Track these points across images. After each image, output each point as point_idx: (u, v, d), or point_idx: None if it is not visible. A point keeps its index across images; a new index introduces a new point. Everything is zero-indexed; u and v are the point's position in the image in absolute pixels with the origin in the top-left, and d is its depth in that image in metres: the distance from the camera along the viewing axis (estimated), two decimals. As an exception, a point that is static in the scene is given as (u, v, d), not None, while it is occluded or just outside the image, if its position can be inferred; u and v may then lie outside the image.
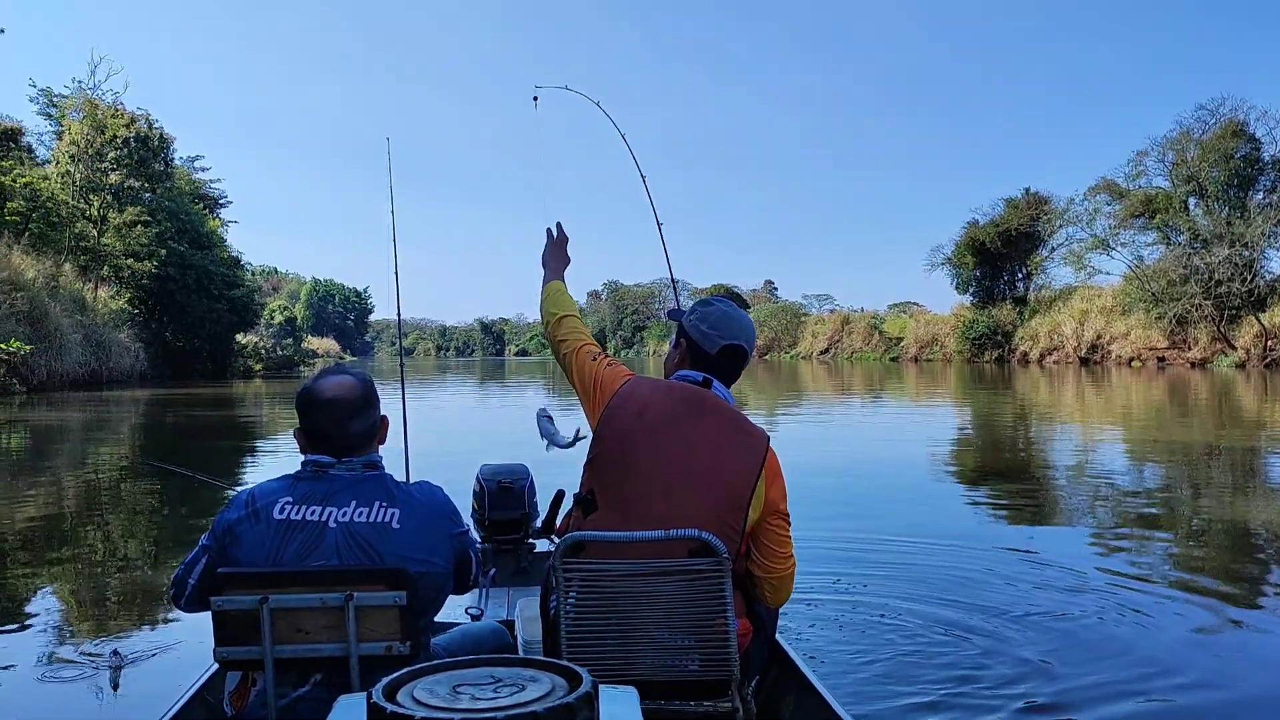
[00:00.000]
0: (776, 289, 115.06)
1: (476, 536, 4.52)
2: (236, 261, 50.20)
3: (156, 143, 40.82)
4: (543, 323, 2.97)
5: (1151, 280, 42.94)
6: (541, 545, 4.66)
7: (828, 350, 73.12)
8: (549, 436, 3.21)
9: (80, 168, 38.00)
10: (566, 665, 1.50)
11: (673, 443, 2.47)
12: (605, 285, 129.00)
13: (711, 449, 2.47)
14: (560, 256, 3.11)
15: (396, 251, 5.24)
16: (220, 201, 56.04)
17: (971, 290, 58.45)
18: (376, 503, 2.32)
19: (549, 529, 2.78)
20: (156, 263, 39.79)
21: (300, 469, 2.38)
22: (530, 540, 4.69)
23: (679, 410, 2.53)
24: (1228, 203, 42.00)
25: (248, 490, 2.36)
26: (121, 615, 5.30)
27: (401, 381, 5.09)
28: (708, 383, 2.61)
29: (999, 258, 56.48)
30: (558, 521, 2.70)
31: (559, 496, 2.75)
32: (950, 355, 58.37)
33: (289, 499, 2.30)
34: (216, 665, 2.49)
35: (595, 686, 1.44)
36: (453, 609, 3.31)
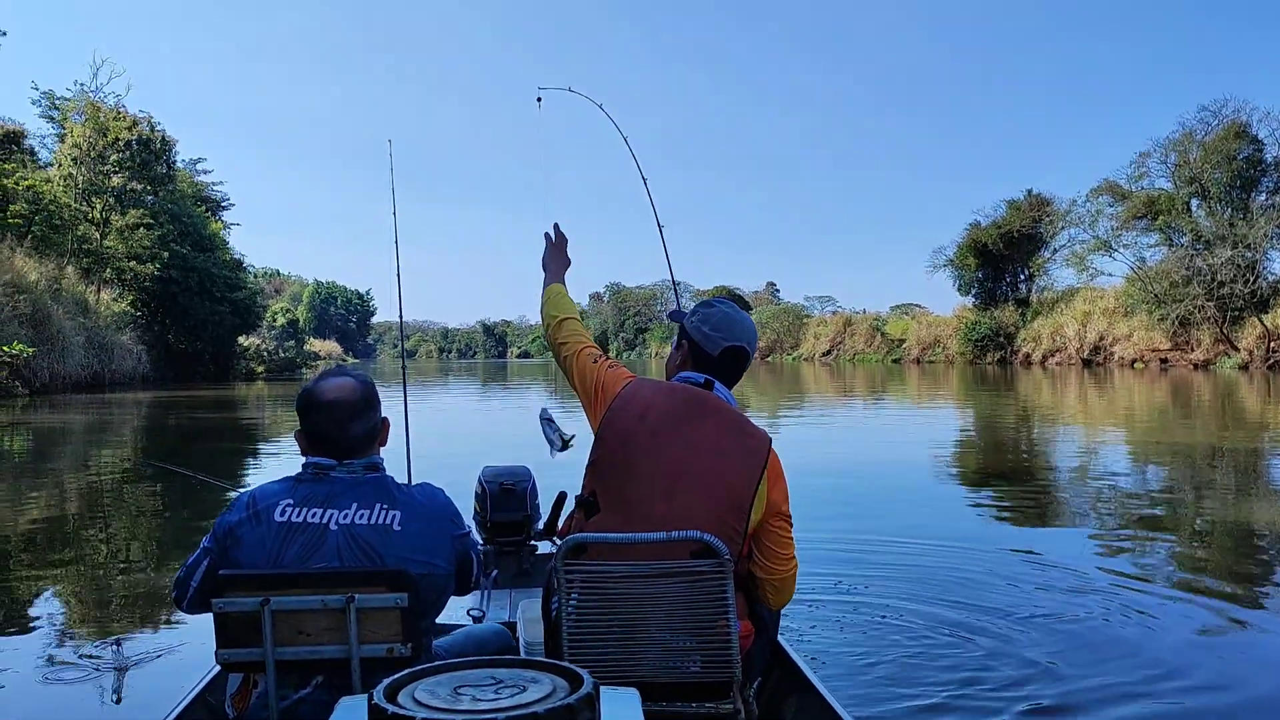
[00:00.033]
0: (778, 290, 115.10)
1: (478, 538, 4.52)
2: (239, 264, 50.25)
3: (159, 145, 40.84)
4: (543, 325, 2.98)
5: (1154, 282, 42.93)
6: (543, 547, 4.66)
7: (830, 352, 73.12)
8: (550, 443, 3.21)
9: (83, 170, 38.03)
10: (568, 666, 1.50)
11: (674, 444, 2.47)
12: (607, 287, 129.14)
13: (713, 450, 2.46)
14: (560, 259, 3.11)
15: (399, 253, 5.24)
16: (222, 204, 56.14)
17: (974, 292, 58.44)
18: (378, 505, 2.32)
19: (551, 531, 2.77)
20: (159, 265, 39.85)
21: (301, 471, 2.38)
22: (532, 542, 4.69)
23: (681, 412, 2.52)
24: (1230, 204, 41.99)
25: (249, 492, 2.36)
26: (123, 617, 5.30)
27: (404, 383, 5.09)
28: (709, 384, 2.61)
29: (1001, 259, 56.47)
30: (559, 523, 2.69)
31: (561, 498, 2.75)
32: (952, 357, 58.34)
33: (290, 501, 2.30)
34: (218, 667, 2.49)
35: (596, 688, 1.44)
36: (455, 611, 3.31)
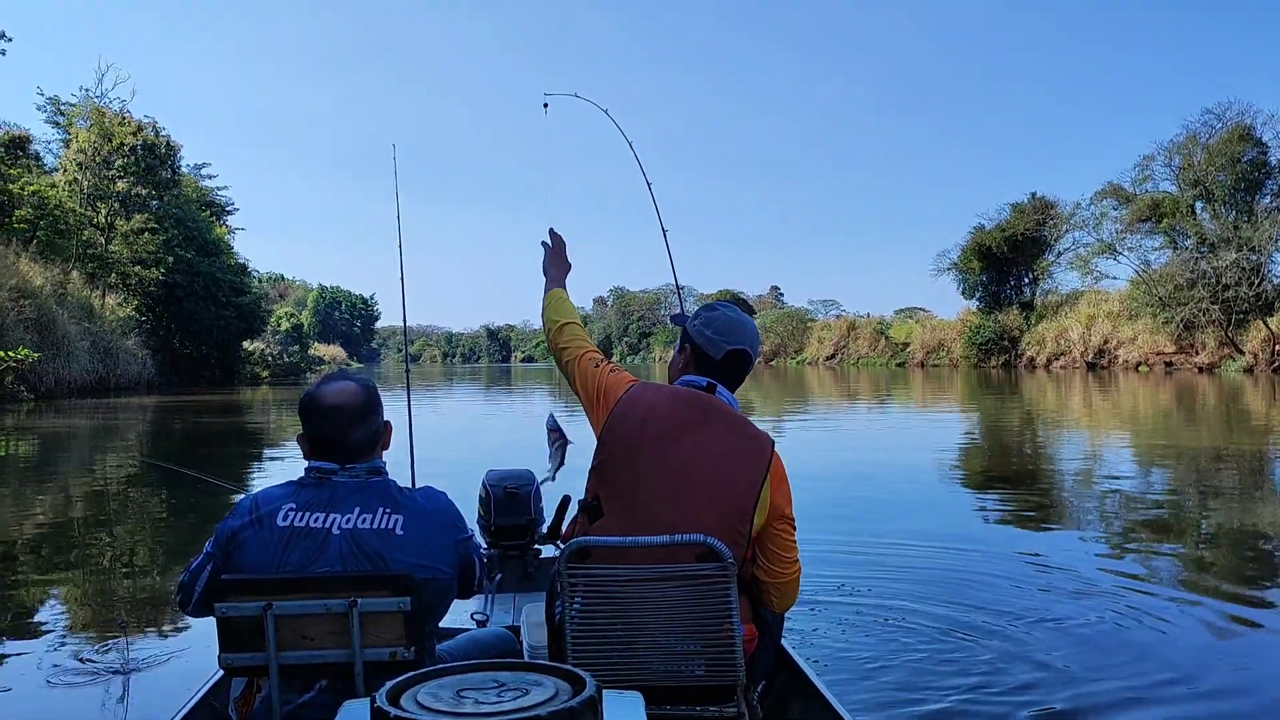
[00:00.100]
0: (782, 294, 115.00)
1: (482, 542, 4.52)
2: (243, 268, 50.35)
3: (163, 150, 40.94)
4: (544, 331, 2.98)
5: (1158, 285, 42.86)
6: (547, 551, 4.66)
7: (834, 356, 73.08)
8: (549, 459, 3.19)
9: (88, 175, 38.15)
10: (570, 670, 1.50)
11: (677, 448, 2.47)
12: (611, 291, 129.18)
13: (716, 454, 2.46)
14: (561, 264, 3.11)
15: (403, 258, 5.25)
16: (227, 208, 56.19)
17: (978, 295, 58.39)
18: (380, 509, 2.31)
19: (555, 535, 2.77)
20: (164, 270, 39.94)
21: (304, 475, 2.37)
22: (536, 546, 4.69)
23: (683, 416, 2.52)
24: (1235, 207, 41.95)
25: (251, 496, 2.36)
26: (128, 621, 5.30)
27: (407, 388, 5.09)
28: (712, 388, 2.61)
29: (1005, 263, 56.42)
30: (563, 527, 2.69)
31: (565, 502, 2.75)
32: (957, 360, 58.29)
33: (292, 505, 2.29)
34: (221, 671, 2.49)
35: (599, 691, 1.43)
36: (459, 615, 3.31)
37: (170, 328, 42.35)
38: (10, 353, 26.09)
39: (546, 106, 4.53)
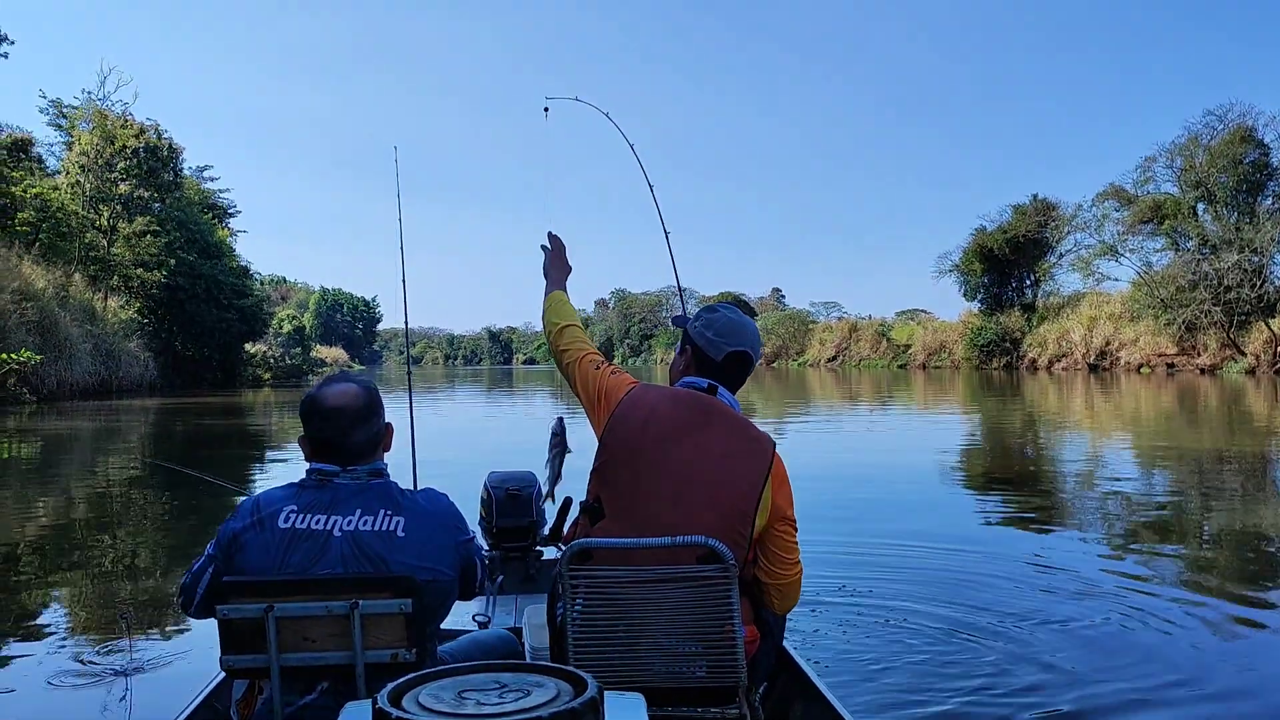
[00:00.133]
0: (784, 296, 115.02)
1: (483, 544, 4.52)
2: (245, 271, 50.40)
3: (165, 153, 41.01)
4: (545, 333, 2.98)
5: (1160, 286, 42.85)
6: (549, 553, 4.66)
7: (835, 358, 73.10)
8: (549, 467, 3.16)
9: (90, 178, 38.22)
10: (572, 671, 1.50)
11: (679, 450, 2.47)
12: (612, 294, 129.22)
13: (718, 455, 2.46)
14: (561, 266, 3.11)
15: (404, 260, 5.25)
16: (229, 211, 56.24)
17: (979, 297, 58.39)
18: (381, 511, 2.31)
19: (557, 536, 2.77)
20: (166, 272, 39.99)
21: (305, 477, 2.37)
22: (538, 548, 4.69)
23: (685, 417, 2.52)
24: (1236, 208, 41.96)
25: (252, 498, 2.35)
26: (130, 623, 5.30)
27: (409, 390, 5.10)
28: (713, 389, 2.61)
29: (1007, 264, 56.42)
30: (565, 529, 2.69)
31: (566, 504, 2.75)
32: (958, 362, 58.28)
33: (294, 507, 2.29)
34: (223, 673, 2.49)
35: (601, 692, 1.43)
36: (461, 616, 3.31)
37: (172, 330, 42.40)
38: (12, 355, 26.11)
39: (547, 111, 4.53)
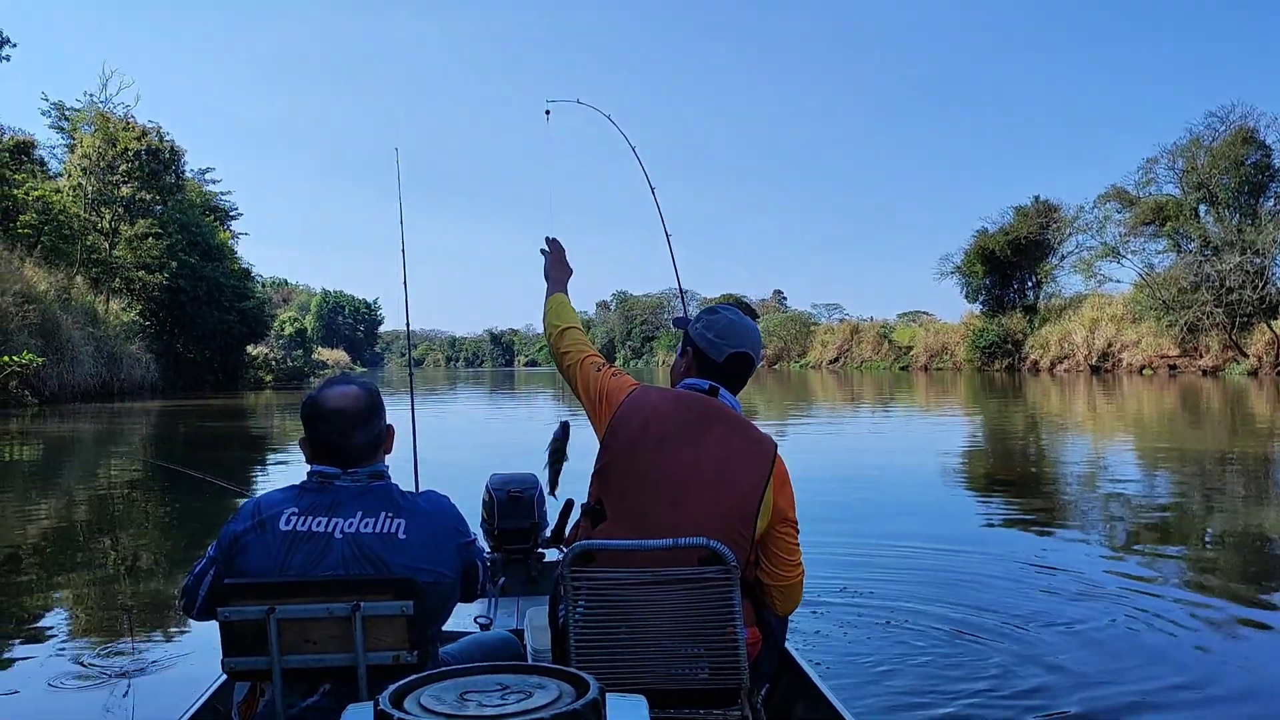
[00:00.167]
0: (785, 298, 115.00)
1: (485, 545, 4.51)
2: (247, 273, 50.44)
3: (167, 155, 41.06)
4: (545, 336, 2.98)
5: (1162, 288, 42.82)
6: (551, 555, 4.66)
7: (837, 360, 73.11)
8: (558, 476, 3.15)
9: (92, 181, 38.25)
10: (574, 672, 1.50)
11: (680, 451, 2.47)
12: (614, 296, 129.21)
13: (719, 457, 2.46)
14: (562, 268, 3.11)
15: (405, 263, 5.24)
16: (230, 213, 56.29)
17: (981, 299, 58.37)
18: (382, 513, 2.31)
19: (558, 538, 2.77)
20: (167, 275, 40.03)
21: (306, 479, 2.37)
22: (540, 550, 4.68)
23: (686, 419, 2.52)
24: (1238, 210, 41.93)
25: (253, 501, 2.35)
26: (132, 625, 5.31)
27: (410, 392, 5.09)
28: (714, 391, 2.61)
29: (1009, 266, 56.41)
30: (566, 531, 2.69)
31: (568, 506, 2.75)
32: (960, 364, 58.26)
33: (294, 510, 2.29)
34: (225, 675, 2.49)
35: (603, 693, 1.43)
36: (462, 618, 3.31)
37: (174, 332, 42.41)
38: (15, 357, 26.12)
39: (549, 113, 4.52)
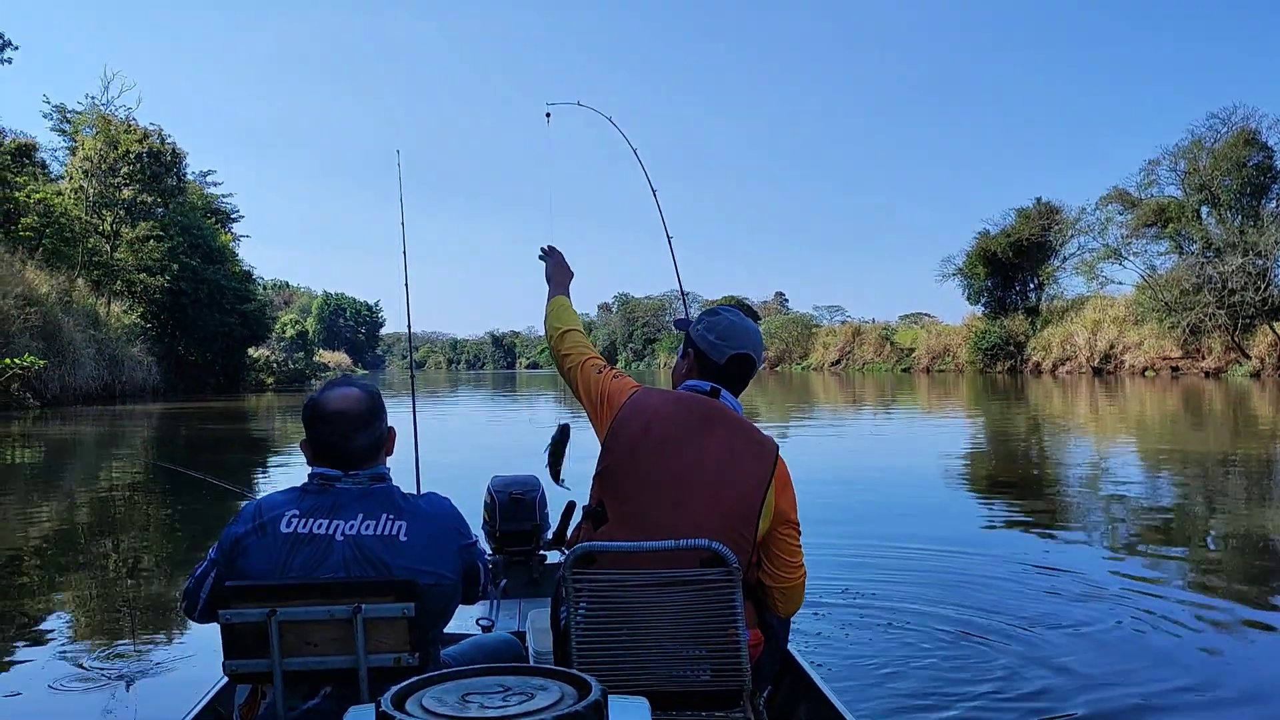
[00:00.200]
0: (787, 300, 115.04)
1: (486, 548, 4.51)
2: (248, 275, 50.43)
3: (169, 158, 41.07)
4: (546, 338, 2.98)
5: (1164, 289, 42.79)
6: (553, 557, 4.66)
7: (839, 361, 73.11)
8: (559, 468, 3.13)
9: (93, 183, 38.27)
10: (576, 674, 1.50)
11: (682, 453, 2.46)
12: (616, 298, 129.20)
13: (721, 459, 2.46)
14: (563, 270, 3.12)
15: (407, 264, 5.24)
16: (232, 216, 56.29)
17: (983, 301, 58.36)
18: (383, 515, 2.30)
19: (560, 540, 2.77)
20: (169, 277, 40.03)
21: (307, 481, 2.36)
22: (541, 552, 4.68)
23: (688, 420, 2.52)
24: (1240, 211, 41.91)
25: (254, 503, 2.35)
26: (134, 627, 5.31)
27: (412, 394, 5.09)
28: (716, 392, 2.60)
29: (1011, 268, 56.39)
30: (568, 533, 2.69)
31: (570, 508, 2.75)
32: (962, 366, 58.23)
33: (296, 512, 2.28)
34: (226, 678, 2.49)
35: (605, 695, 1.43)
36: (464, 620, 3.31)
37: (175, 335, 42.41)
38: (16, 360, 26.14)
39: (549, 116, 4.52)
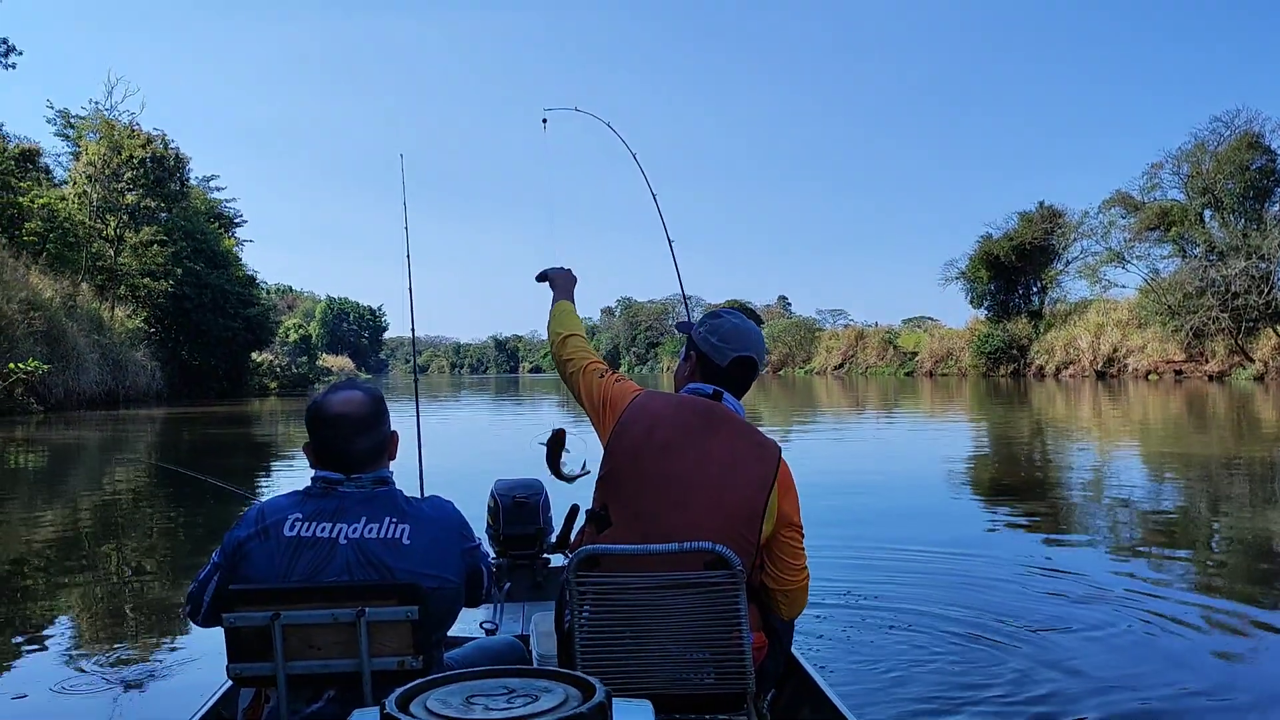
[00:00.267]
0: (790, 304, 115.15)
1: (490, 551, 4.51)
2: (251, 280, 50.42)
3: (172, 162, 41.14)
4: (549, 342, 2.99)
5: (1167, 293, 42.72)
6: (557, 560, 4.65)
7: (842, 365, 73.05)
8: (559, 466, 3.12)
9: (97, 188, 38.32)
10: (580, 676, 1.50)
11: (685, 456, 2.46)
12: (618, 302, 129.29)
13: (724, 462, 2.46)
14: (567, 276, 3.12)
15: (410, 268, 5.24)
16: (235, 220, 56.34)
17: (986, 304, 58.27)
18: (387, 518, 2.30)
19: (564, 544, 2.77)
20: (172, 282, 40.05)
21: (310, 485, 2.36)
22: (545, 555, 4.68)
23: (690, 424, 2.52)
24: (1244, 214, 41.83)
25: (257, 506, 2.35)
26: (137, 631, 5.31)
27: (415, 398, 5.08)
28: (718, 395, 2.60)
29: (1013, 271, 56.32)
30: (572, 536, 2.69)
31: (573, 511, 2.75)
32: (965, 369, 58.16)
33: (299, 515, 2.28)
34: (230, 681, 2.49)
35: (609, 697, 1.43)
36: (468, 624, 3.30)
37: (179, 339, 42.42)
38: (20, 365, 26.17)
39: (545, 122, 4.52)
